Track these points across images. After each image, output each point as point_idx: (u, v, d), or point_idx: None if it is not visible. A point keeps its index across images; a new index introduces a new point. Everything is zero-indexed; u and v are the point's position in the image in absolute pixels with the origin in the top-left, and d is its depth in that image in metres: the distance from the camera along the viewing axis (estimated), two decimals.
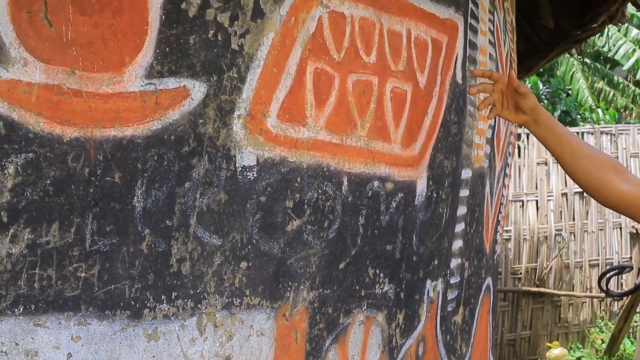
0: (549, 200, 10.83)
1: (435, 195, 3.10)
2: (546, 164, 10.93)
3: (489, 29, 3.68)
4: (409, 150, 2.88)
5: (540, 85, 16.16)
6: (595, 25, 6.48)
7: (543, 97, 16.15)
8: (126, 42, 1.91)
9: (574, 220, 10.89)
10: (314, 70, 2.39)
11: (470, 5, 3.35)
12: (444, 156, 3.15)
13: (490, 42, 3.68)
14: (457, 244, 3.42)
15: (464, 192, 3.42)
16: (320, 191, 2.47)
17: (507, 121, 4.04)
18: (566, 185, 10.85)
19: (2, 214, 1.74)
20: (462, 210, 3.42)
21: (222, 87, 2.12)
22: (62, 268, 1.85)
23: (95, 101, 1.86)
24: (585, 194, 10.76)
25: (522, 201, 10.75)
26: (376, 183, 2.71)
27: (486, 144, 3.71)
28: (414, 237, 2.98)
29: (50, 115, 1.80)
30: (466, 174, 3.42)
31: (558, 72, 16.02)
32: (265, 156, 2.26)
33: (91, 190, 1.88)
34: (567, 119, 15.83)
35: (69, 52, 1.82)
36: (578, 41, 6.99)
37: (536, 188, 10.89)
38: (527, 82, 15.65)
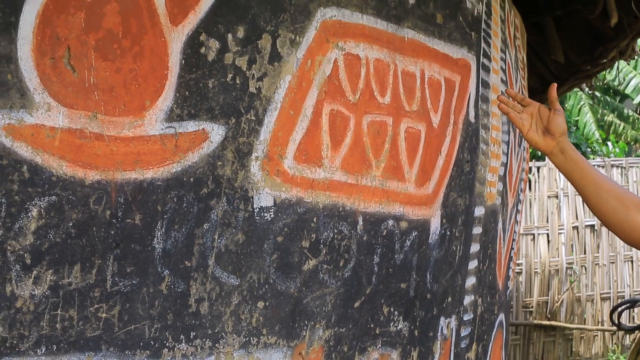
0: (560, 233, 10.80)
1: (448, 233, 3.12)
2: (557, 197, 10.92)
3: (501, 67, 3.71)
4: (423, 189, 2.90)
5: None
6: (606, 60, 6.50)
7: None
8: (147, 86, 1.94)
9: (585, 253, 10.86)
10: (330, 112, 2.42)
11: (483, 44, 3.38)
12: (457, 194, 3.17)
13: (502, 80, 3.71)
14: (470, 281, 3.43)
15: (477, 230, 3.44)
16: (336, 231, 2.49)
17: (519, 158, 4.06)
18: (577, 218, 10.84)
19: (25, 256, 1.76)
20: (475, 247, 3.44)
21: (240, 130, 2.15)
22: (83, 309, 1.87)
23: (117, 144, 1.89)
24: (596, 227, 10.76)
25: (533, 234, 10.73)
26: (391, 222, 2.73)
27: (498, 181, 3.73)
28: (427, 275, 2.99)
29: (73, 158, 1.82)
30: (479, 211, 3.44)
31: (567, 105, 16.02)
32: (282, 197, 2.28)
33: (112, 232, 1.90)
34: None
35: (91, 97, 1.85)
36: (588, 76, 7.01)
37: (547, 221, 10.87)
38: None
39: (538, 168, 11.05)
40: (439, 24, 2.98)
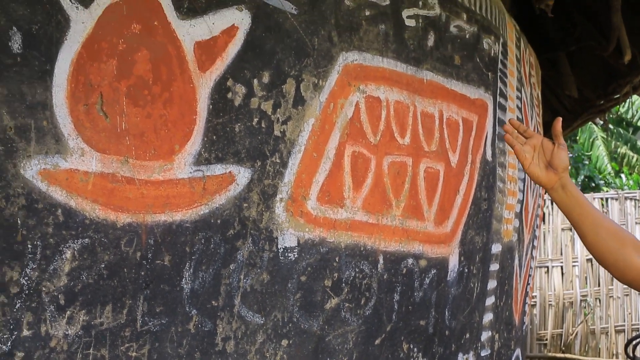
0: (574, 266, 10.79)
1: (466, 270, 3.14)
2: (571, 230, 10.90)
3: (517, 106, 3.74)
4: (442, 228, 2.93)
5: None
6: (619, 95, 6.53)
7: None
8: (176, 131, 1.99)
9: (599, 285, 10.83)
10: (351, 154, 2.46)
11: (499, 84, 3.43)
12: (475, 232, 3.20)
13: (518, 118, 3.75)
14: (488, 317, 3.45)
15: (494, 266, 3.46)
16: (357, 270, 2.52)
17: (534, 194, 4.08)
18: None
19: (59, 297, 1.80)
20: (492, 284, 3.46)
21: (266, 172, 2.19)
22: (114, 348, 1.90)
23: (147, 188, 1.94)
24: None
25: (547, 267, 10.72)
26: (410, 260, 2.76)
27: (515, 218, 3.75)
28: (446, 312, 3.01)
29: (105, 202, 1.87)
30: (496, 248, 3.46)
31: (579, 138, 16.05)
32: (305, 237, 2.32)
33: (142, 273, 1.94)
34: (591, 184, 15.82)
35: (123, 142, 1.90)
36: (602, 111, 7.03)
37: (561, 254, 10.87)
38: None
39: (552, 201, 11.04)
40: (457, 65, 3.03)
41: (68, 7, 1.81)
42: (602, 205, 11.23)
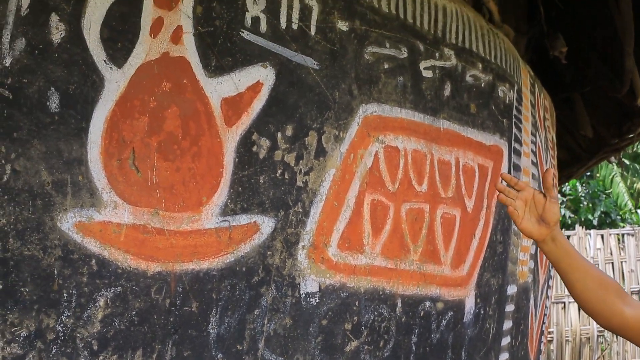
0: None
1: (482, 312, 3.19)
2: None
3: (532, 150, 3.80)
4: (458, 271, 2.99)
5: (579, 187, 16.21)
6: (633, 135, 6.56)
7: (582, 198, 16.18)
8: (204, 183, 2.07)
9: None
10: (371, 202, 2.53)
11: (514, 130, 3.49)
12: (491, 274, 3.25)
13: (532, 162, 3.80)
14: (504, 356, 3.49)
15: (510, 307, 3.50)
16: (376, 313, 2.58)
17: None
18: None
19: (93, 342, 1.87)
20: (507, 324, 3.50)
21: (289, 221, 2.26)
22: None
23: (176, 238, 2.01)
24: None
25: (564, 302, 10.70)
26: (428, 303, 2.82)
27: (530, 260, 3.80)
28: (462, 353, 3.06)
29: (137, 252, 1.94)
30: (511, 289, 3.51)
31: (598, 175, 16.07)
32: (326, 283, 2.39)
33: (171, 319, 2.01)
34: (607, 219, 15.80)
35: (153, 195, 1.97)
36: (616, 149, 7.07)
37: None
38: (566, 185, 15.72)
39: (568, 237, 11.04)
40: (473, 113, 3.10)
41: (103, 67, 1.89)
42: (619, 240, 11.23)
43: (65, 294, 1.82)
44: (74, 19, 1.85)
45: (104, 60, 1.90)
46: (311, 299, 2.34)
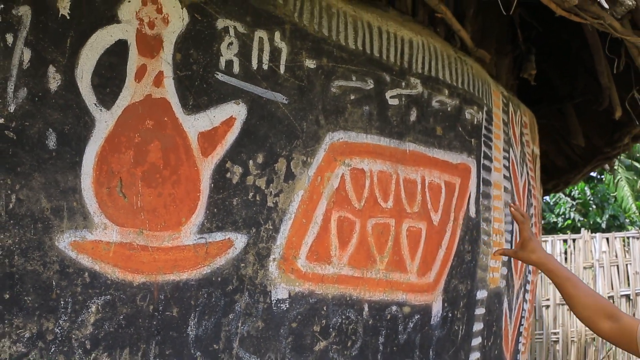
0: None
1: (450, 314, 3.49)
2: (592, 267, 11.12)
3: (504, 165, 4.10)
4: (425, 278, 3.29)
5: (588, 192, 16.43)
6: (621, 144, 6.80)
7: (591, 202, 16.39)
8: (183, 206, 2.39)
9: None
10: (337, 218, 2.84)
11: (484, 148, 3.79)
12: (459, 281, 3.55)
13: (505, 176, 4.10)
14: (475, 355, 3.78)
15: (480, 310, 3.80)
16: (344, 317, 2.89)
17: None
18: (612, 288, 11.01)
19: (86, 342, 2.20)
20: (478, 326, 3.80)
21: (260, 237, 2.59)
22: None
23: (158, 253, 2.33)
24: (631, 297, 10.92)
25: None
26: (394, 308, 3.13)
27: (502, 267, 4.09)
28: (430, 352, 3.36)
29: (124, 265, 2.27)
30: (482, 294, 3.80)
31: (605, 179, 16.27)
32: (296, 290, 2.70)
33: (154, 322, 2.33)
34: (615, 222, 15.99)
35: (138, 217, 2.30)
36: (608, 158, 7.30)
37: None
38: (575, 189, 15.93)
39: (574, 240, 11.29)
40: (439, 135, 3.41)
41: (93, 110, 2.22)
42: (624, 243, 11.43)
43: (62, 302, 2.15)
44: (69, 69, 2.18)
45: (95, 104, 2.22)
46: (281, 305, 2.66)
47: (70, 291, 2.17)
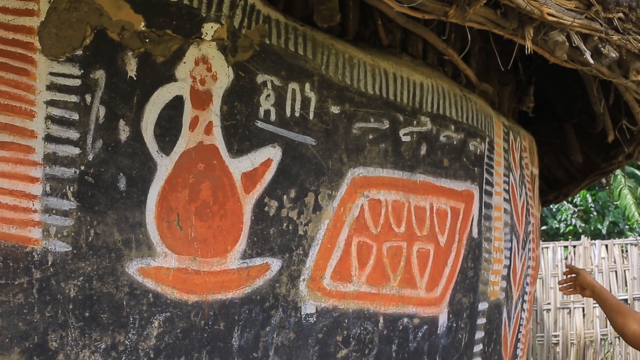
0: (594, 307, 11.34)
1: (455, 325, 3.89)
2: (592, 273, 11.48)
3: (504, 189, 4.49)
4: (432, 293, 3.69)
5: (589, 199, 16.81)
6: (616, 161, 7.16)
7: (592, 209, 16.79)
8: (229, 236, 2.79)
9: None
10: (357, 243, 3.24)
11: (485, 175, 4.19)
12: (462, 294, 3.95)
13: (505, 199, 4.49)
14: None
15: (481, 320, 4.20)
16: (362, 328, 3.29)
17: (523, 258, 4.82)
18: (610, 292, 11.36)
19: (150, 352, 2.60)
20: (479, 334, 4.19)
21: (292, 261, 2.99)
22: None
23: (209, 277, 2.74)
24: (629, 301, 11.29)
25: (569, 308, 11.30)
26: (406, 319, 3.52)
27: (502, 280, 4.49)
28: (437, 358, 3.76)
29: (180, 287, 2.67)
30: (483, 306, 4.20)
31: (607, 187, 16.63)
32: (322, 306, 3.11)
33: (205, 335, 2.74)
34: (616, 229, 16.38)
35: (192, 246, 2.70)
36: (605, 173, 7.65)
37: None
38: (577, 196, 16.25)
39: (574, 247, 11.65)
40: (446, 166, 3.80)
41: (156, 156, 2.62)
42: (622, 250, 11.79)
43: (131, 318, 2.55)
44: (135, 122, 2.58)
45: (157, 151, 2.63)
46: (310, 318, 3.06)
47: (138, 309, 2.57)
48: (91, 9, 2.50)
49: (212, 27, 2.76)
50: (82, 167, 2.46)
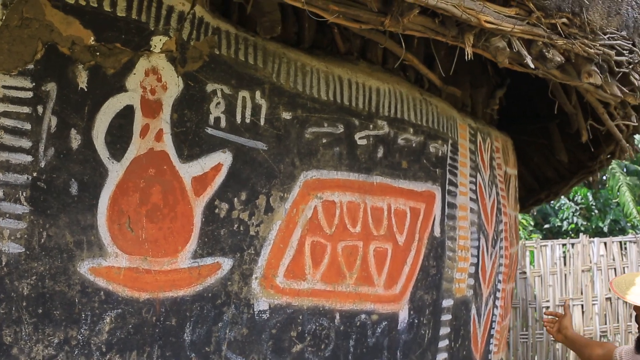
0: (593, 304, 11.40)
1: (416, 321, 4.03)
2: (590, 270, 11.54)
3: (470, 189, 4.62)
4: (391, 290, 3.83)
5: (590, 197, 16.87)
6: (602, 159, 7.27)
7: (593, 207, 16.85)
8: (179, 237, 2.95)
9: (618, 322, 11.40)
10: (311, 243, 3.39)
11: (448, 176, 4.32)
12: (424, 292, 4.08)
13: (471, 198, 4.62)
14: (442, 356, 4.30)
15: (446, 317, 4.33)
16: (317, 324, 3.44)
17: (493, 257, 4.95)
18: (610, 290, 11.44)
19: (102, 346, 2.76)
20: (445, 330, 4.32)
21: (244, 260, 3.14)
22: None
23: (159, 275, 2.89)
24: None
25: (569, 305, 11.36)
26: (363, 316, 3.66)
27: (469, 278, 4.61)
28: (398, 353, 3.90)
29: (131, 285, 2.82)
30: (447, 302, 4.33)
31: (607, 185, 16.68)
32: (275, 302, 3.25)
33: (157, 330, 2.89)
34: (617, 227, 16.43)
35: (143, 247, 2.86)
36: (591, 171, 7.75)
37: (581, 293, 11.48)
38: (578, 194, 16.34)
39: (572, 244, 11.71)
40: (404, 168, 3.94)
41: (107, 162, 2.78)
42: (621, 247, 11.84)
43: (83, 315, 2.71)
44: (87, 131, 2.74)
45: (108, 157, 2.78)
46: (263, 315, 3.21)
47: (90, 306, 2.73)
48: (42, 26, 2.66)
49: (160, 40, 2.92)
50: (35, 174, 2.62)
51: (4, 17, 2.59)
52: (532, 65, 3.34)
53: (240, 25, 3.26)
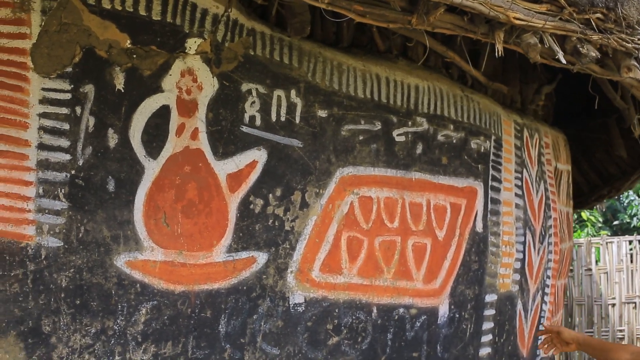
0: None
1: (457, 315, 4.04)
2: None
3: (516, 185, 4.60)
4: (431, 285, 3.85)
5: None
6: None
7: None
8: (214, 232, 3.02)
9: None
10: (347, 238, 3.44)
11: (491, 172, 4.32)
12: (465, 286, 4.09)
13: (516, 194, 4.60)
14: (485, 350, 4.30)
15: (490, 312, 4.32)
16: (354, 317, 3.48)
17: (541, 252, 4.92)
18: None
19: (138, 337, 2.85)
20: (488, 325, 4.32)
21: (279, 254, 3.20)
22: None
23: (195, 269, 2.97)
24: None
25: (635, 302, 11.17)
26: (401, 310, 3.70)
27: (514, 273, 4.59)
28: (438, 347, 3.92)
29: (167, 278, 2.91)
30: (491, 297, 4.33)
31: None
32: (310, 296, 3.31)
33: (192, 321, 2.97)
34: (631, 225, 16.09)
35: (178, 241, 2.94)
36: None
37: None
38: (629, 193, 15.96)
39: (639, 241, 11.50)
40: (444, 164, 3.96)
41: (143, 160, 2.87)
42: (632, 247, 11.57)
43: (119, 306, 2.81)
44: (124, 130, 2.84)
45: (144, 155, 2.87)
46: (298, 308, 3.27)
47: (126, 298, 2.82)
48: (80, 30, 2.76)
49: (195, 42, 2.99)
50: (73, 172, 2.72)
51: (43, 23, 2.70)
52: (563, 61, 3.33)
53: (277, 26, 3.32)
